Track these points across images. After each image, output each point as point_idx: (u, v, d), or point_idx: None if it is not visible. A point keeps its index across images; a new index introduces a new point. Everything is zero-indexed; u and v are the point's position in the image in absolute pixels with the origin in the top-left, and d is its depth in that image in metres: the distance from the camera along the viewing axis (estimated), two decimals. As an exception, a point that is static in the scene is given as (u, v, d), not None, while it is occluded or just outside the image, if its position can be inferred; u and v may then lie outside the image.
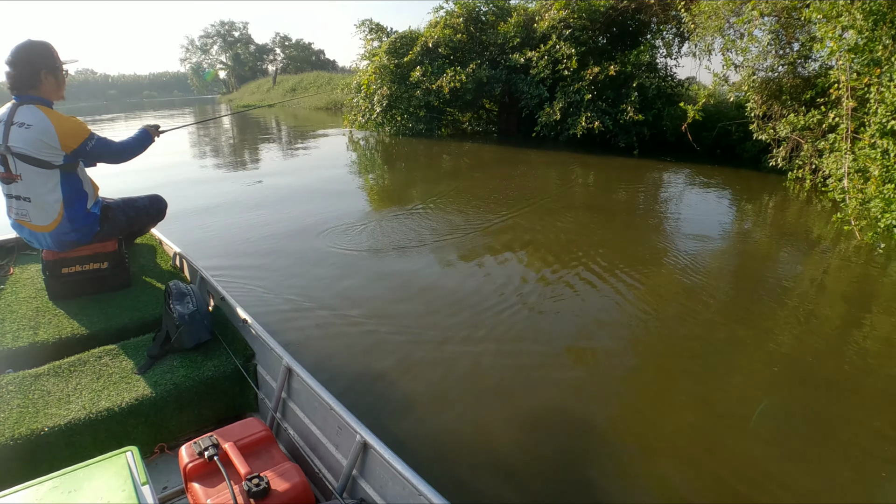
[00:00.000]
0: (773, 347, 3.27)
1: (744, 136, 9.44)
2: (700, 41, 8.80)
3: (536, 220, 6.06)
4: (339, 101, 24.11)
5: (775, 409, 2.68)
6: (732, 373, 3.02)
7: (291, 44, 54.35)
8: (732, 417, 2.62)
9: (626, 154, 10.72)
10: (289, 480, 1.54)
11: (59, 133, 2.40)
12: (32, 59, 2.42)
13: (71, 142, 2.44)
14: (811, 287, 4.27)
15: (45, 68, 2.44)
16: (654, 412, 2.68)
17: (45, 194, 2.48)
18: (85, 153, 2.52)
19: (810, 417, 2.64)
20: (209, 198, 7.38)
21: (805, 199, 7.02)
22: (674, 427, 2.56)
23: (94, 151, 2.55)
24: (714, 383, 2.92)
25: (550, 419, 2.64)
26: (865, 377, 2.97)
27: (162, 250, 3.51)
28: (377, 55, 13.53)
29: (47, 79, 2.46)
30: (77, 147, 2.47)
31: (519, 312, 3.72)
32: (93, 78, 65.27)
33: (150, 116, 29.40)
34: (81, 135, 2.48)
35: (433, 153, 11.58)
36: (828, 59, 6.89)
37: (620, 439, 2.48)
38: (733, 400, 2.76)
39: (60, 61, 2.52)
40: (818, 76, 7.40)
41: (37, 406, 1.87)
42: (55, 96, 2.54)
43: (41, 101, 2.45)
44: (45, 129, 2.37)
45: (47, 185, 2.47)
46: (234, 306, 2.48)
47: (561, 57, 11.41)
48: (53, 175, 2.47)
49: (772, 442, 2.44)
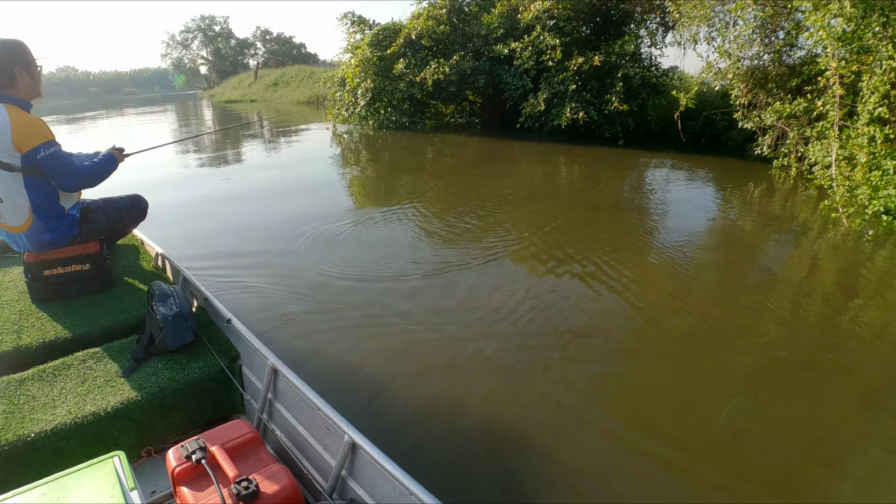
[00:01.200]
0: (760, 336, 3.22)
1: (728, 125, 9.44)
2: (685, 30, 8.75)
3: (524, 212, 5.97)
4: (322, 94, 23.85)
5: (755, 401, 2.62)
6: (714, 361, 2.96)
7: (272, 38, 53.64)
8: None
9: (611, 144, 10.67)
10: (278, 482, 1.53)
11: (13, 132, 2.29)
12: (5, 57, 2.36)
13: (23, 143, 2.31)
14: (799, 274, 4.23)
15: (18, 65, 2.38)
16: (652, 408, 2.61)
17: (13, 196, 2.42)
18: (35, 161, 2.34)
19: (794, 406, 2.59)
20: (190, 194, 7.22)
21: (791, 186, 7.02)
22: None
23: (46, 163, 2.37)
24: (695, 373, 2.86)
25: (538, 418, 2.56)
26: (855, 363, 2.93)
27: (144, 251, 3.46)
28: (360, 48, 13.35)
29: (22, 76, 2.40)
30: (29, 151, 2.32)
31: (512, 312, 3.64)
32: (74, 75, 63.98)
33: (132, 113, 28.89)
34: (35, 139, 2.33)
35: (417, 146, 11.43)
36: (814, 48, 6.87)
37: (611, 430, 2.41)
38: (712, 391, 2.71)
39: (33, 57, 2.45)
40: (804, 64, 7.39)
41: (23, 412, 1.85)
42: (32, 94, 2.47)
43: (13, 100, 2.38)
44: (3, 128, 2.29)
45: (14, 188, 2.40)
46: (218, 306, 2.45)
47: (545, 48, 11.31)
48: (17, 178, 2.38)
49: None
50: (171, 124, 20.80)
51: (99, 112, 30.09)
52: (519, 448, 2.34)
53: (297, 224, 5.59)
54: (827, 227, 5.29)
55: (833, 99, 5.78)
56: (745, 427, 2.46)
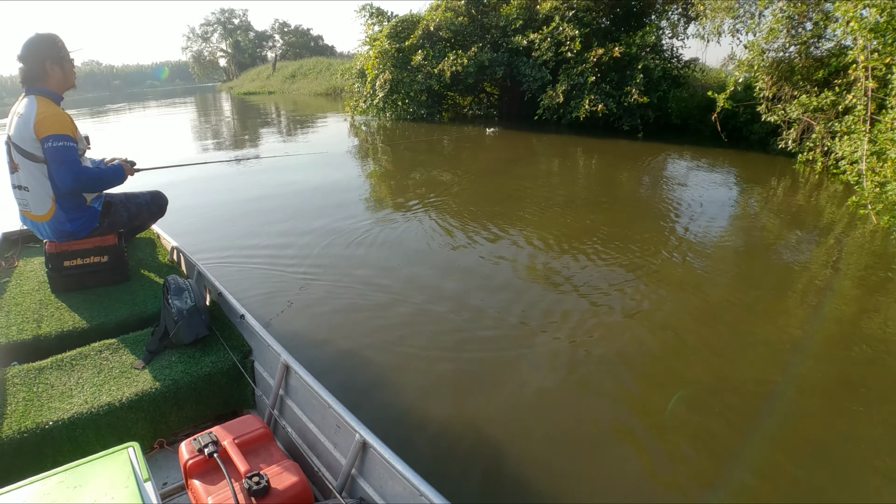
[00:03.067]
0: (782, 333, 3.16)
1: (751, 119, 9.23)
2: (709, 22, 8.56)
3: (540, 209, 5.92)
4: (339, 86, 23.86)
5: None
6: (743, 357, 2.91)
7: (290, 30, 53.71)
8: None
9: (631, 137, 10.52)
10: (288, 479, 1.53)
11: (36, 122, 2.37)
12: (37, 52, 2.46)
13: (40, 132, 2.38)
14: (824, 272, 4.13)
15: (49, 59, 2.47)
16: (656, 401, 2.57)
17: (38, 186, 2.50)
18: (42, 149, 2.39)
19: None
20: (207, 184, 7.29)
21: (816, 182, 6.85)
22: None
23: (50, 154, 2.38)
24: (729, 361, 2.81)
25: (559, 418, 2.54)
26: (877, 367, 2.85)
27: (160, 244, 3.51)
28: (378, 40, 13.32)
29: (53, 70, 2.49)
30: (41, 139, 2.37)
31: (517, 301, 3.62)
32: (98, 69, 64.88)
33: (152, 104, 29.20)
34: (50, 129, 2.38)
35: (434, 139, 11.38)
36: (843, 39, 6.68)
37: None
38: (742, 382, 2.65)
39: (66, 51, 2.54)
40: (832, 56, 7.19)
41: (41, 399, 1.88)
42: (64, 87, 2.57)
43: (44, 92, 2.48)
44: (28, 119, 2.38)
45: (38, 178, 2.48)
46: (232, 302, 2.47)
47: (564, 39, 11.17)
48: (42, 168, 2.46)
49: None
50: (189, 115, 21.01)
51: (121, 105, 30.54)
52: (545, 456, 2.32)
53: (315, 216, 5.61)
54: (854, 223, 5.15)
55: (863, 92, 5.62)
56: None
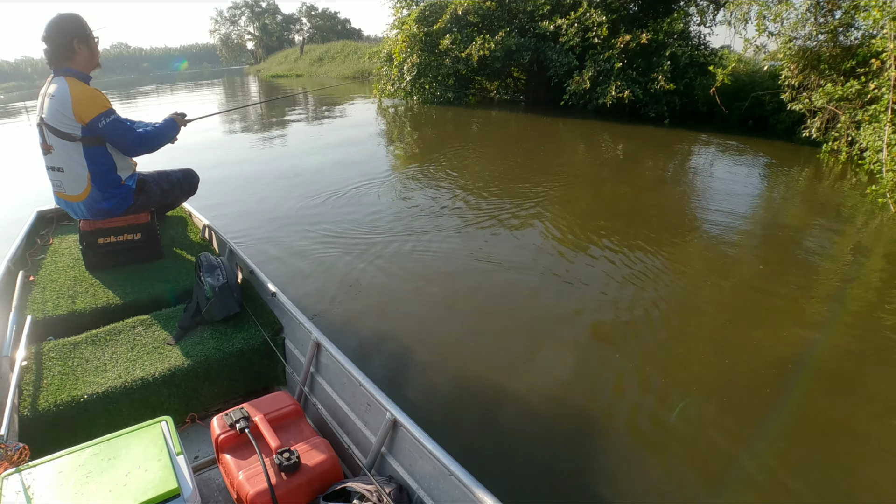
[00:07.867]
0: (802, 321, 3.32)
1: (777, 107, 9.22)
2: (736, 9, 8.56)
3: (568, 189, 6.11)
4: (367, 70, 24.03)
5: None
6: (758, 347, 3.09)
7: (318, 13, 53.82)
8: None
9: (657, 124, 10.57)
10: (318, 455, 1.55)
11: (73, 103, 2.40)
12: (64, 31, 2.46)
13: (84, 113, 2.42)
14: (844, 260, 4.25)
15: (76, 38, 2.48)
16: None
17: (73, 166, 2.53)
18: (97, 129, 2.47)
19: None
20: (236, 165, 7.60)
21: (840, 171, 6.89)
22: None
23: (108, 130, 2.48)
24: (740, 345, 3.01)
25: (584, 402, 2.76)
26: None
27: (192, 222, 3.54)
28: (406, 24, 13.45)
29: (80, 48, 2.50)
30: (90, 121, 2.44)
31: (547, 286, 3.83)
32: (127, 52, 65.49)
33: (180, 88, 29.72)
34: (95, 108, 2.45)
35: (461, 122, 11.55)
36: (871, 28, 6.67)
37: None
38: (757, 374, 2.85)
39: (90, 30, 2.55)
40: (860, 45, 7.18)
41: (76, 374, 1.92)
42: (90, 66, 2.58)
43: (73, 72, 2.49)
44: (63, 100, 2.40)
45: (74, 157, 2.52)
46: (263, 279, 2.48)
47: (591, 24, 11.20)
48: (77, 147, 2.50)
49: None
50: (219, 97, 21.40)
51: (149, 87, 31.07)
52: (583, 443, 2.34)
53: (342, 186, 5.88)
54: (874, 212, 5.24)
55: (889, 81, 5.66)
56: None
